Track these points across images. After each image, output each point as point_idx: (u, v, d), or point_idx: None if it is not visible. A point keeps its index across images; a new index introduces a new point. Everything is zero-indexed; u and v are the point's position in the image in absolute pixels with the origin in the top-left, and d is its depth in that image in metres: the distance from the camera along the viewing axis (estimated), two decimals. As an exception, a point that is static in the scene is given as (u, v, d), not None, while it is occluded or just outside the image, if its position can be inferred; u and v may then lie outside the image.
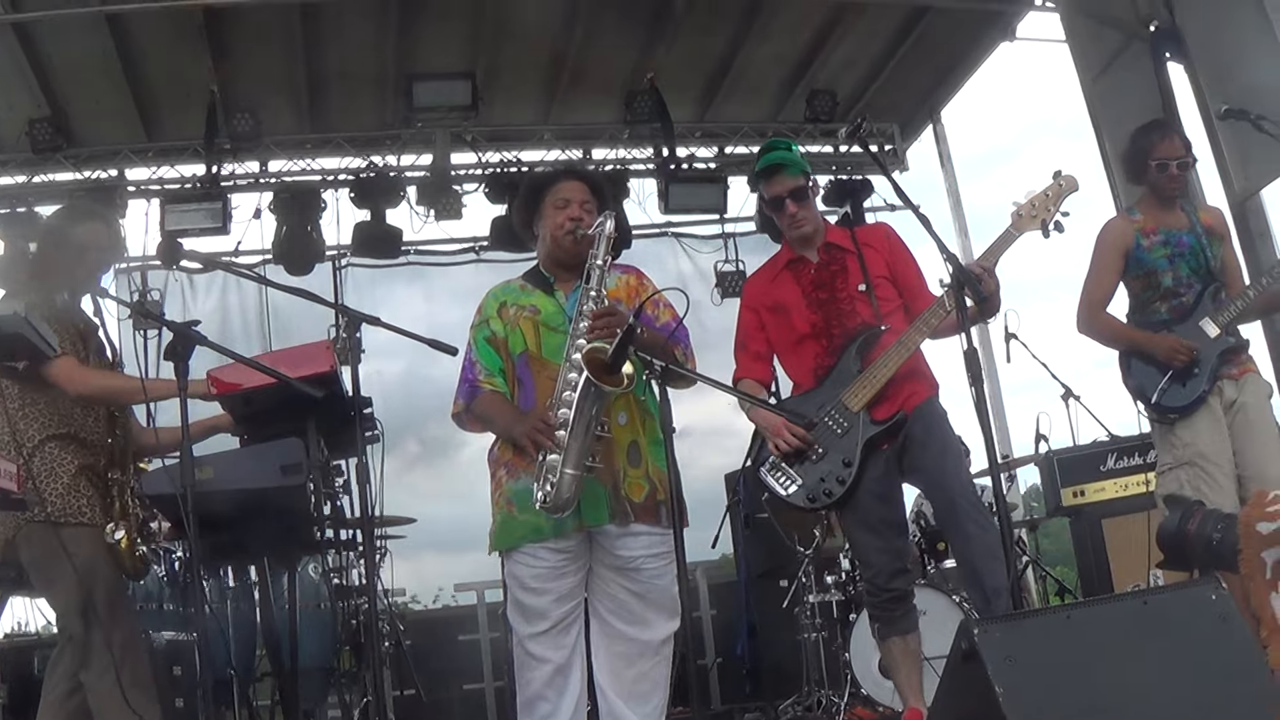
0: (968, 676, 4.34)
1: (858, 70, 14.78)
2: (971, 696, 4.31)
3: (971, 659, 4.28)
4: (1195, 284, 7.51)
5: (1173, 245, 7.54)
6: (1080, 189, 6.42)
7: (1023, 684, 4.17)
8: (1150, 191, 7.68)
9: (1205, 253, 7.51)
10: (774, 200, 6.94)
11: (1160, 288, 7.56)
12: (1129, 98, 11.41)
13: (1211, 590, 4.53)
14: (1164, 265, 7.54)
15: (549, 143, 15.24)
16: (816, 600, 10.31)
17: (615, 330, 5.63)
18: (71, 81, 13.10)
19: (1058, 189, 6.36)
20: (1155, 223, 7.61)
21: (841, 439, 6.57)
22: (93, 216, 6.86)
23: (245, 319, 14.79)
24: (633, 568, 6.08)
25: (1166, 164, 7.52)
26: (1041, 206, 6.32)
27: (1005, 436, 14.65)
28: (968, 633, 4.31)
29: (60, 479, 6.09)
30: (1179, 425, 7.37)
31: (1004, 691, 4.12)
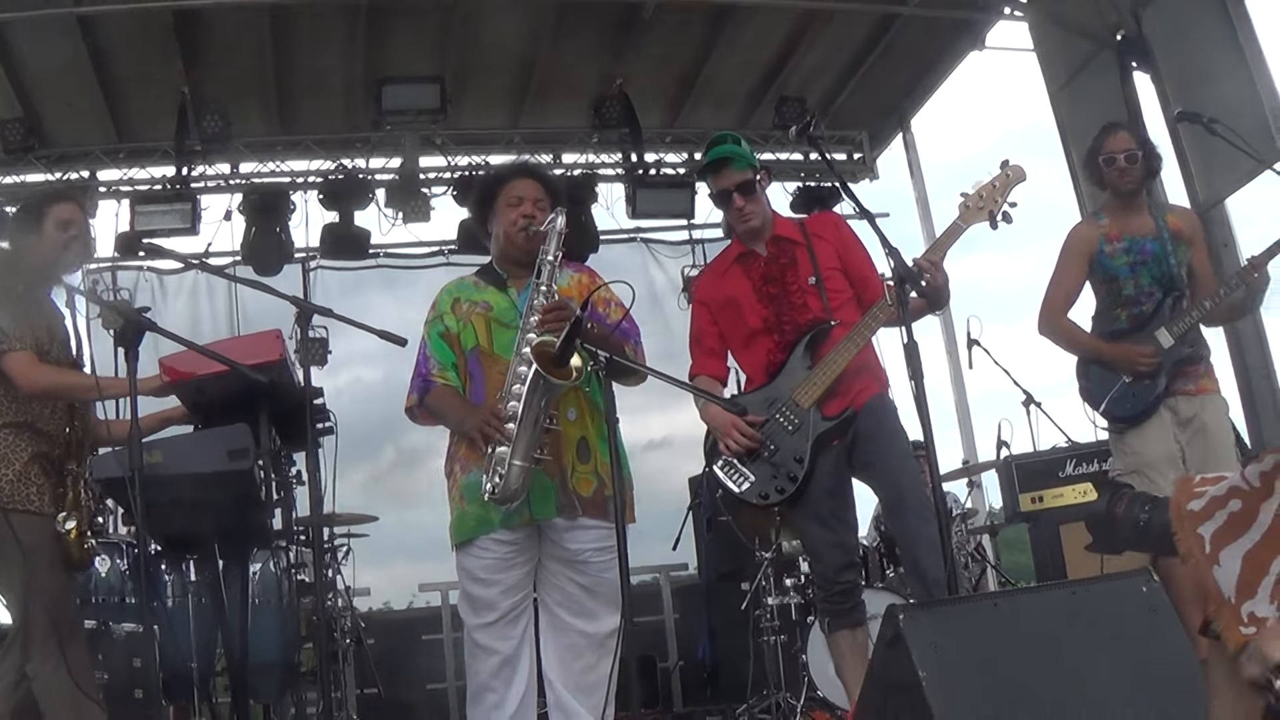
0: (893, 662, 4.37)
1: (827, 77, 14.85)
2: (897, 682, 4.34)
3: (896, 644, 4.31)
4: (1156, 292, 7.51)
5: (1135, 253, 7.55)
6: (1027, 179, 6.34)
7: (947, 670, 4.19)
8: (1111, 194, 7.68)
9: (1169, 260, 7.49)
10: (721, 194, 6.92)
11: (1120, 295, 7.58)
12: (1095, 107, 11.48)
13: (1142, 582, 4.56)
14: (1125, 273, 7.55)
15: (518, 146, 15.22)
16: (775, 603, 10.31)
17: (564, 323, 5.68)
18: (43, 83, 13.11)
19: (1005, 179, 6.30)
20: (1120, 229, 7.61)
21: (792, 436, 6.56)
22: (64, 196, 6.87)
23: (215, 322, 14.77)
24: (580, 560, 6.15)
25: (1114, 157, 7.52)
26: (989, 197, 6.26)
27: (970, 443, 14.73)
28: (893, 618, 4.35)
29: (12, 466, 6.11)
30: (1129, 433, 7.42)
31: (927, 676, 4.14)
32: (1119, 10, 11.72)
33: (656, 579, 13.70)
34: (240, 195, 14.55)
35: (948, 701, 4.13)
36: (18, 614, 6.11)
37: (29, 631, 6.02)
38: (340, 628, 10.45)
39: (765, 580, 10.42)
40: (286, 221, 14.49)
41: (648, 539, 11.32)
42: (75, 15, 11.93)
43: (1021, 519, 10.33)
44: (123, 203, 14.29)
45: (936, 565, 5.87)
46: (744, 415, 6.56)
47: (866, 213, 6.33)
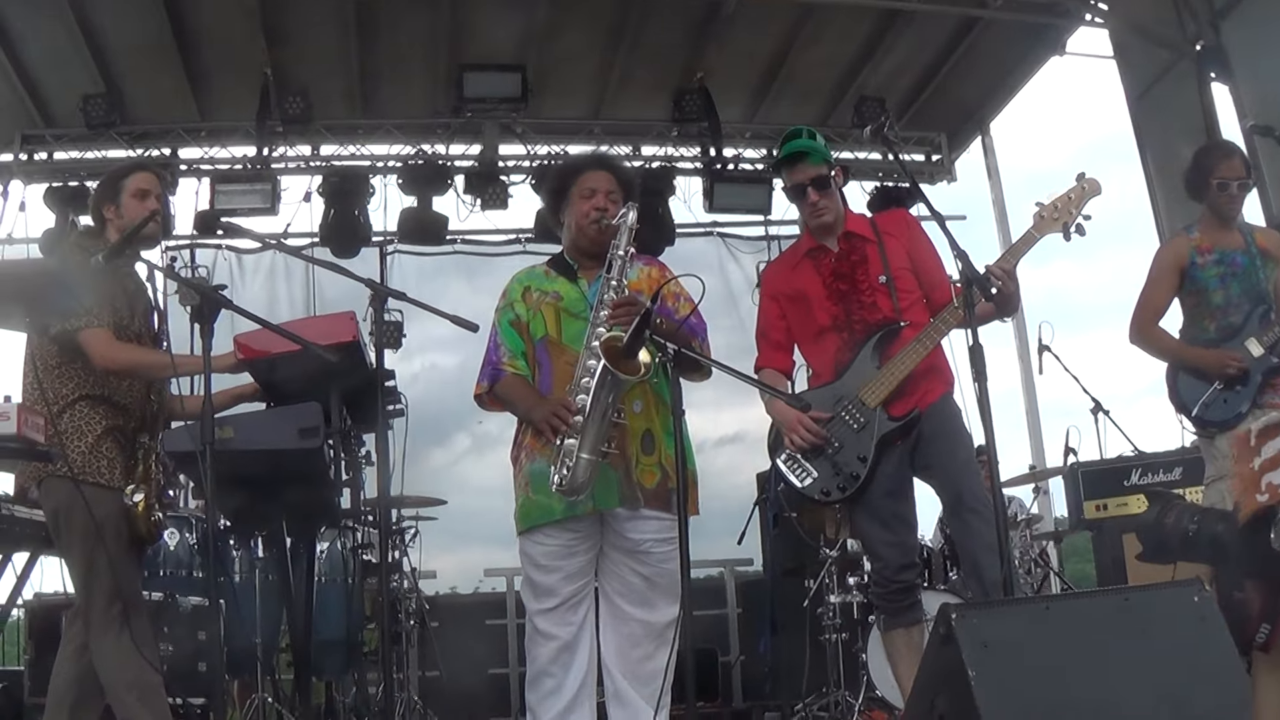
0: (944, 660, 4.41)
1: (907, 78, 14.83)
2: (947, 679, 4.37)
3: (948, 643, 4.35)
4: (1245, 304, 7.49)
5: (1226, 264, 7.54)
6: (1102, 192, 6.36)
7: (996, 670, 4.23)
8: (1209, 210, 7.65)
9: (1258, 274, 7.49)
10: (795, 188, 6.89)
11: (1210, 305, 7.56)
12: (1173, 116, 11.44)
13: (1194, 592, 4.58)
14: (1215, 284, 7.54)
15: (597, 138, 15.28)
16: (838, 601, 10.32)
17: (634, 318, 5.72)
18: (126, 59, 13.26)
19: (1080, 191, 6.33)
20: (1211, 242, 7.60)
21: (858, 434, 6.57)
22: (141, 166, 6.94)
23: (292, 303, 14.89)
24: (642, 550, 6.18)
25: (1227, 184, 7.51)
26: (1064, 209, 6.30)
27: (1039, 449, 14.72)
28: (946, 617, 4.38)
29: (85, 438, 6.19)
30: (1220, 438, 7.37)
31: (976, 675, 4.18)
32: (1198, 20, 11.67)
33: (721, 573, 13.71)
34: (320, 177, 14.70)
35: (995, 700, 4.17)
36: (82, 584, 6.19)
37: (92, 601, 6.10)
38: (405, 609, 10.51)
39: (829, 578, 10.43)
40: (365, 205, 14.62)
41: (714, 533, 11.36)
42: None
43: (1086, 526, 10.33)
44: (203, 181, 14.42)
45: (994, 567, 5.87)
46: (807, 411, 6.57)
47: (937, 215, 6.36)
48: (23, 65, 13.13)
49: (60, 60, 13.06)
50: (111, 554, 6.03)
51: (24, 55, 12.99)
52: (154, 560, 8.71)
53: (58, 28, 12.43)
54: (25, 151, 14.36)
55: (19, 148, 14.28)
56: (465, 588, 14.90)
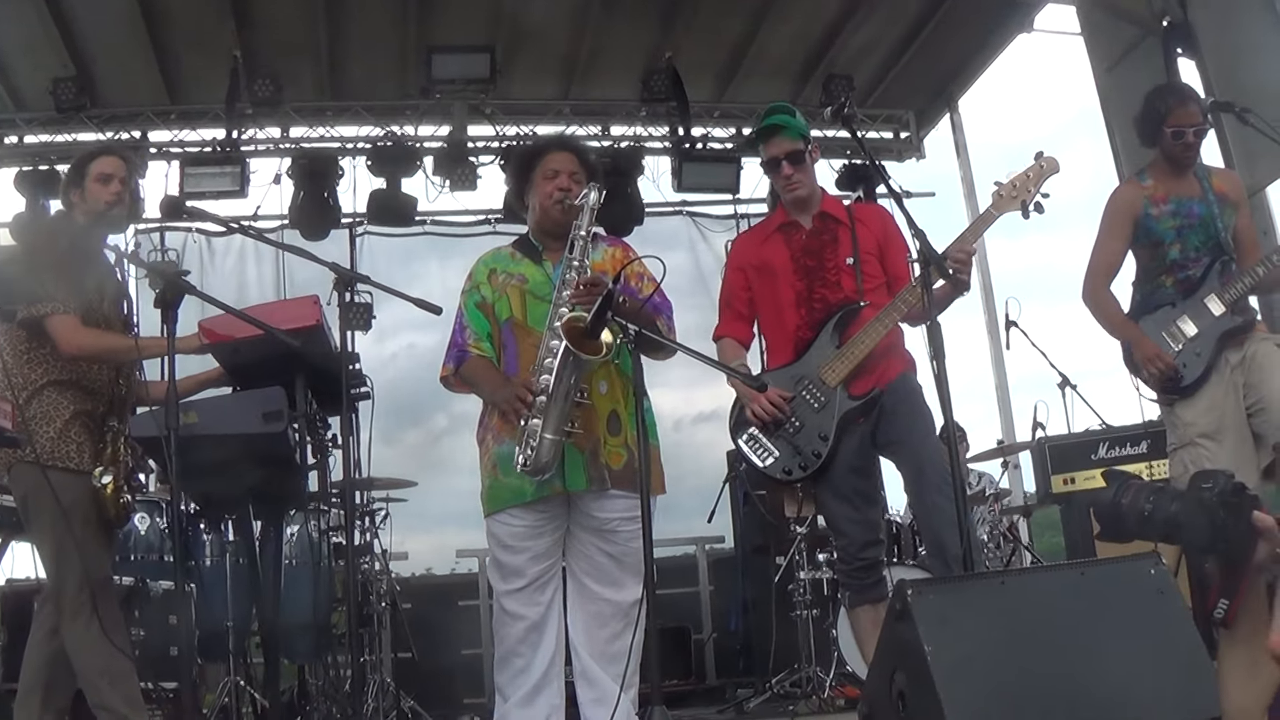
0: (901, 636, 4.45)
1: (875, 56, 14.84)
2: (904, 655, 4.42)
3: (904, 619, 4.39)
4: (1204, 257, 7.30)
5: (1182, 216, 7.33)
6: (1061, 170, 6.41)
7: (953, 645, 4.27)
8: (1163, 157, 7.43)
9: (1216, 223, 7.27)
10: (770, 161, 6.95)
11: (1166, 260, 7.36)
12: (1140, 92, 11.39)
13: (1151, 564, 4.63)
14: (1171, 236, 7.33)
15: (566, 118, 15.31)
16: (808, 577, 10.39)
17: (596, 299, 5.76)
18: (96, 42, 13.20)
19: (1039, 170, 6.39)
20: (1166, 190, 7.38)
21: (818, 413, 6.61)
22: (106, 150, 6.94)
23: (262, 285, 14.86)
24: (609, 529, 6.25)
25: (1183, 132, 7.26)
26: (1022, 187, 6.35)
27: (1009, 424, 14.75)
28: (902, 594, 4.42)
29: (54, 423, 6.23)
30: (1179, 406, 7.22)
31: (933, 651, 4.22)
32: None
33: (693, 551, 13.75)
34: (289, 159, 14.68)
35: (953, 675, 4.21)
36: (52, 569, 6.22)
37: (62, 586, 6.13)
38: (376, 591, 10.53)
39: (798, 555, 10.49)
40: (335, 187, 14.60)
41: (687, 511, 11.42)
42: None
43: (1054, 500, 10.38)
44: (173, 164, 14.37)
45: (956, 542, 5.88)
46: (764, 392, 6.60)
47: (895, 194, 6.47)
48: (-9, 49, 13.08)
49: (30, 43, 13.00)
50: (80, 539, 6.05)
51: (-7, 40, 12.95)
52: (124, 545, 8.71)
53: (27, 10, 12.38)
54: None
55: (-12, 132, 14.23)
56: (440, 569, 14.93)
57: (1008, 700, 4.29)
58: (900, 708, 4.53)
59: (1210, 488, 4.09)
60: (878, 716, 4.83)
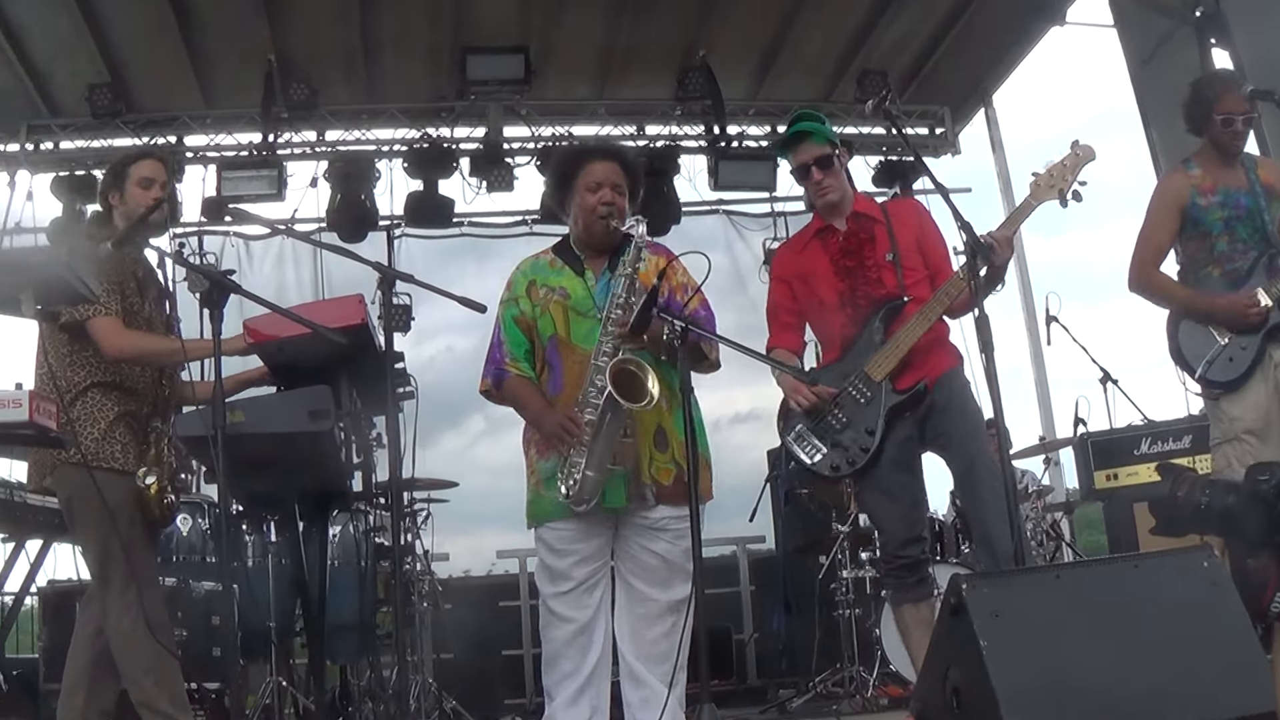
0: (956, 631, 4.43)
1: (910, 51, 14.81)
2: (959, 650, 4.40)
3: (959, 614, 4.37)
4: (1251, 250, 7.18)
5: (1230, 207, 7.22)
6: (1097, 157, 6.35)
7: (1008, 639, 4.25)
8: (1210, 145, 7.34)
9: (1263, 215, 7.17)
10: (799, 168, 6.93)
11: (1214, 251, 7.25)
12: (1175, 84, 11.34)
13: (1204, 557, 4.60)
14: (1219, 228, 7.22)
15: (601, 118, 15.32)
16: (850, 577, 10.38)
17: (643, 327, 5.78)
18: (131, 47, 13.28)
19: (1075, 158, 6.34)
20: (1214, 180, 7.28)
21: (865, 408, 6.59)
22: (147, 154, 6.95)
23: (301, 287, 14.89)
24: (657, 529, 6.21)
25: (1232, 119, 7.18)
26: (1059, 175, 6.31)
27: (1050, 420, 14.71)
28: (957, 588, 4.40)
29: (98, 425, 6.23)
30: (1224, 400, 7.12)
31: (988, 645, 4.20)
32: (1198, -15, 11.61)
33: (734, 551, 13.72)
34: (326, 162, 14.69)
35: (1008, 669, 4.19)
36: (97, 569, 6.23)
37: (108, 587, 6.14)
38: (418, 592, 10.54)
39: (841, 554, 10.48)
40: (371, 189, 14.64)
41: (727, 511, 11.39)
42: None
43: (1096, 496, 10.32)
44: (209, 168, 14.44)
45: (1005, 537, 5.87)
46: (813, 386, 6.59)
47: (941, 187, 6.40)
48: (28, 55, 13.16)
49: (65, 50, 13.09)
50: (125, 539, 6.06)
51: (29, 45, 13.02)
52: (167, 546, 8.73)
53: (62, 17, 12.46)
54: (31, 141, 14.39)
55: (25, 138, 14.30)
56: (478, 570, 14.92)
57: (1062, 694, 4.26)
58: (954, 704, 4.51)
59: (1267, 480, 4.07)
60: (931, 713, 4.81)
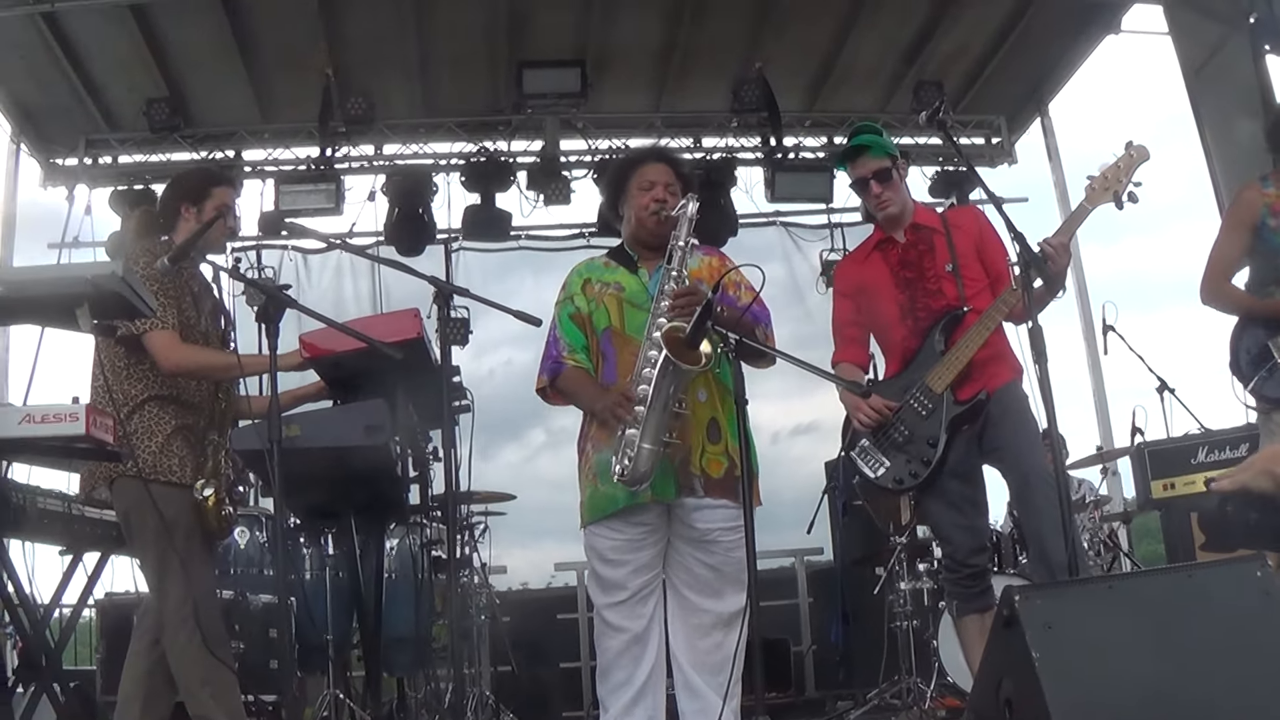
0: (1009, 643, 4.41)
1: (965, 61, 14.76)
2: (1012, 662, 4.38)
3: (1012, 625, 4.36)
4: None
5: None
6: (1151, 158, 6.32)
7: (1061, 651, 4.22)
8: None
9: None
10: (858, 181, 6.97)
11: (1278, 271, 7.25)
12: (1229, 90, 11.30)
13: (1257, 567, 4.58)
14: None
15: (658, 130, 15.27)
16: (908, 588, 10.36)
17: (695, 308, 5.75)
18: (188, 62, 13.38)
19: (1129, 159, 6.30)
20: None
21: (926, 420, 6.62)
22: (227, 181, 7.04)
23: (359, 301, 15.00)
24: (709, 540, 6.20)
25: None
26: (1114, 178, 6.27)
27: (1107, 429, 14.62)
28: (1009, 600, 4.39)
29: (155, 438, 6.29)
30: (1276, 414, 7.20)
31: (1040, 657, 4.18)
32: (1251, -9, 11.54)
33: (792, 563, 13.73)
34: (383, 176, 14.79)
35: (1060, 681, 4.17)
36: (154, 582, 6.27)
37: (165, 599, 6.18)
38: (475, 605, 10.57)
39: (898, 565, 10.46)
40: (429, 203, 14.70)
41: (785, 523, 11.41)
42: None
43: (1154, 506, 10.25)
44: (267, 182, 14.57)
45: (1060, 549, 5.86)
46: (868, 399, 6.59)
47: (994, 197, 6.42)
48: (86, 71, 13.28)
49: (123, 65, 13.21)
50: (182, 552, 6.11)
51: (87, 61, 13.14)
52: (225, 559, 8.82)
53: (120, 33, 12.57)
54: (90, 156, 14.52)
55: (84, 152, 14.43)
56: (537, 583, 14.96)
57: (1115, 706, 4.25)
58: (1007, 716, 4.50)
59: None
60: (984, 725, 4.81)
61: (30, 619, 6.37)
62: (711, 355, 5.90)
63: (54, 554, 7.38)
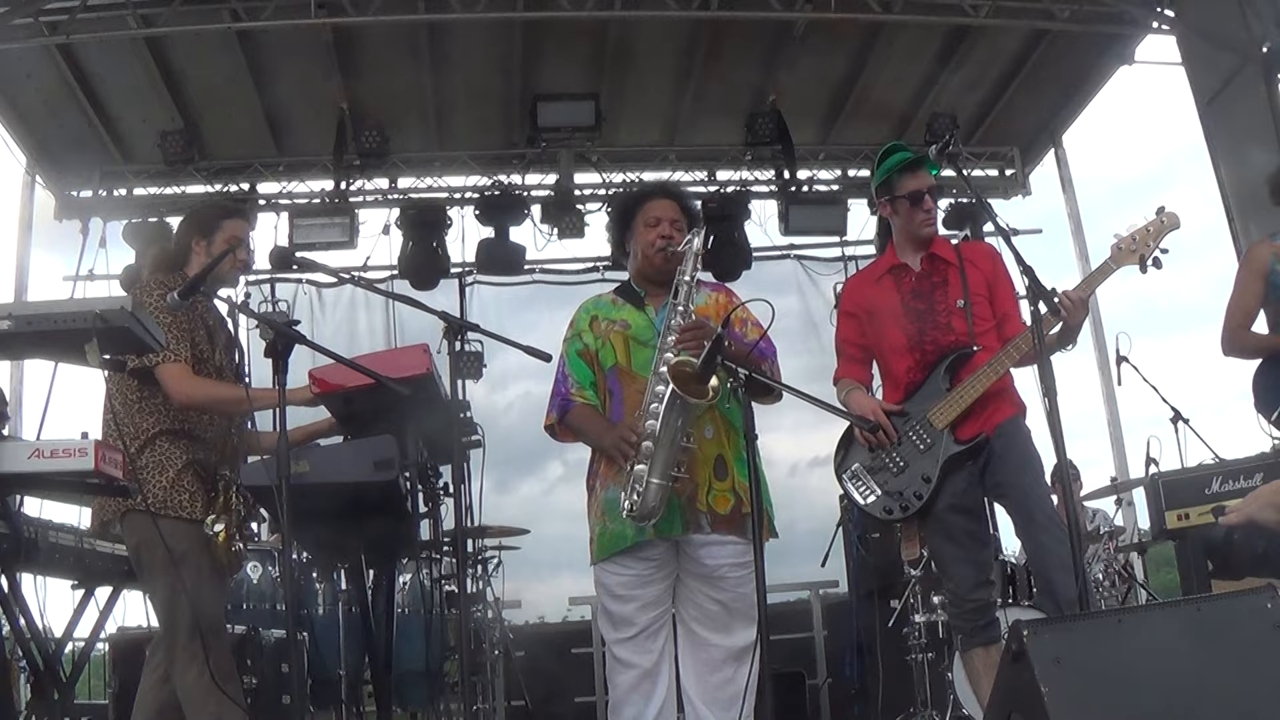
0: (1017, 678, 4.39)
1: (978, 93, 14.81)
2: (1020, 697, 4.37)
3: (1020, 660, 4.34)
4: None
5: None
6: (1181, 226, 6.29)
7: (1070, 686, 4.20)
8: None
9: None
10: (914, 194, 6.81)
11: None
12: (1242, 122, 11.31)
13: (1267, 599, 4.56)
14: None
15: (672, 164, 15.36)
16: (923, 620, 10.32)
17: (702, 343, 5.74)
18: (203, 95, 13.48)
19: (1159, 225, 6.26)
20: None
21: (923, 455, 6.57)
22: (239, 214, 7.04)
23: (373, 334, 15.04)
24: (718, 576, 6.18)
25: None
26: (1142, 241, 6.24)
27: (1122, 460, 14.62)
28: (1018, 634, 4.37)
29: (166, 473, 6.25)
30: None
31: (1049, 692, 4.16)
32: (1264, 21, 11.56)
33: (807, 596, 13.70)
34: (398, 210, 14.82)
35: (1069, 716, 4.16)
36: (164, 617, 6.25)
37: (174, 635, 6.16)
38: (489, 639, 10.56)
39: (913, 598, 10.42)
40: (443, 236, 14.74)
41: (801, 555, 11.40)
42: (234, 30, 12.22)
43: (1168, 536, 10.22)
44: (281, 215, 14.65)
45: (1068, 585, 5.84)
46: (876, 432, 6.57)
47: (1002, 230, 6.41)
48: (101, 103, 13.38)
49: (138, 97, 13.30)
50: (192, 587, 6.08)
51: (102, 93, 13.24)
52: (237, 594, 8.81)
53: (135, 66, 12.67)
54: (105, 188, 14.65)
55: (99, 184, 14.56)
56: (553, 616, 14.94)
57: (1125, 742, 4.24)
58: (1016, 750, 4.49)
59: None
60: (994, 760, 4.79)
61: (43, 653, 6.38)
62: (719, 389, 5.89)
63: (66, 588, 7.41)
